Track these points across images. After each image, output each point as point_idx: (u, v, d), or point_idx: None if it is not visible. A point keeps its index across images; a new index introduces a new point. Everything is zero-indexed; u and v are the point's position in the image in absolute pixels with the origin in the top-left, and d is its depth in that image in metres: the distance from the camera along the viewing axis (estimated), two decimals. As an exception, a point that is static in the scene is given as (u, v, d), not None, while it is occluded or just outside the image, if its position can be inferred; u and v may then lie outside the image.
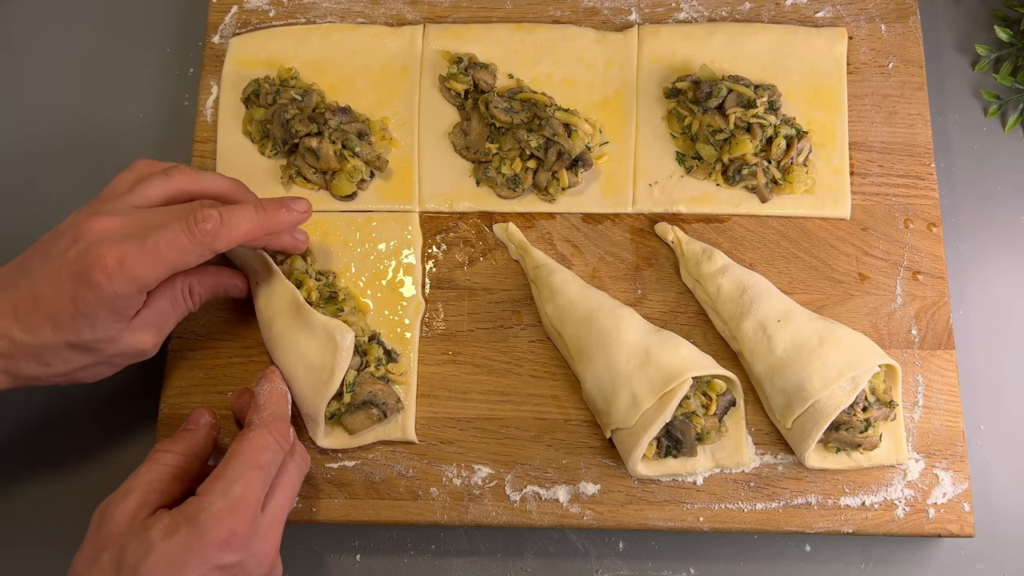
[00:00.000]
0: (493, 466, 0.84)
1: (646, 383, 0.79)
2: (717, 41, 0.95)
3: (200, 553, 0.66)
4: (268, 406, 0.77)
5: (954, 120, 0.98)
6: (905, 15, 0.97)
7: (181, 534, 0.66)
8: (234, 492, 0.68)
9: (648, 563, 0.85)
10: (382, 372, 0.84)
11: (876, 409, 0.81)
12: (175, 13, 1.04)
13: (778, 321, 0.82)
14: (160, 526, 0.66)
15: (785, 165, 0.90)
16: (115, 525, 0.67)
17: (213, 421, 0.77)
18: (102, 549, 0.66)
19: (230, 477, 0.70)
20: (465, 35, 0.96)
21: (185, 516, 0.67)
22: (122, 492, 0.69)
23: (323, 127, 0.90)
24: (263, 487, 0.71)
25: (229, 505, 0.68)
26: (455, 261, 0.90)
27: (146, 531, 0.66)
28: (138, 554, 0.65)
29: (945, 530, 0.81)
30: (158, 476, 0.70)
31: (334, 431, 0.84)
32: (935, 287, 0.88)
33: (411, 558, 0.86)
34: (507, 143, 0.90)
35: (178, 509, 0.68)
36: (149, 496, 0.69)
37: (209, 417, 0.77)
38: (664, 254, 0.90)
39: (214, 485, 0.69)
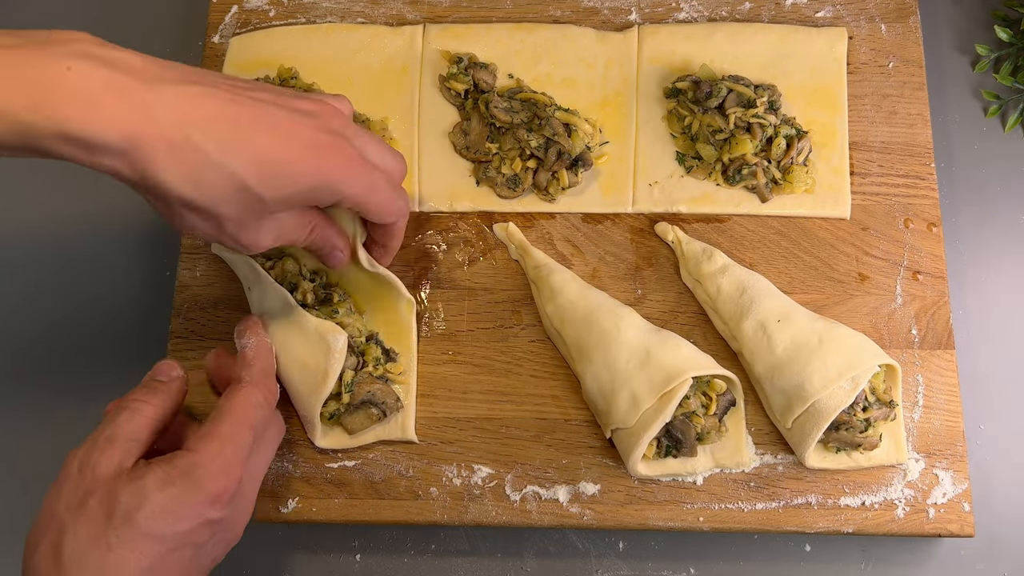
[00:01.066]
0: (493, 466, 0.84)
1: (646, 383, 0.79)
2: (717, 41, 0.95)
3: (193, 507, 0.67)
4: (256, 361, 0.77)
5: (954, 120, 0.98)
6: (905, 15, 0.97)
7: (176, 487, 0.66)
8: (227, 452, 0.70)
9: (648, 563, 0.85)
10: (381, 372, 0.84)
11: (876, 409, 0.81)
12: (175, 13, 1.04)
13: (778, 321, 0.82)
14: (154, 477, 0.66)
15: (785, 165, 0.90)
16: (101, 472, 0.66)
17: (184, 375, 0.75)
18: (88, 494, 0.65)
19: (224, 436, 0.70)
20: (465, 35, 0.96)
21: (180, 470, 0.67)
22: (104, 440, 0.68)
23: (323, 127, 0.89)
24: (252, 447, 0.72)
25: (223, 463, 0.69)
26: (455, 261, 0.90)
27: (140, 480, 0.66)
28: (132, 502, 0.65)
29: (945, 530, 0.81)
30: (139, 427, 0.69)
31: (333, 431, 0.84)
32: (935, 287, 0.88)
33: (411, 558, 0.86)
34: (507, 143, 0.90)
35: (171, 463, 0.67)
36: (131, 446, 0.68)
37: (180, 371, 0.75)
38: (664, 254, 0.90)
39: (208, 443, 0.69)
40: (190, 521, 0.67)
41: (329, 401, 0.81)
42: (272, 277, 0.83)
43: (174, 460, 0.68)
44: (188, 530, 0.67)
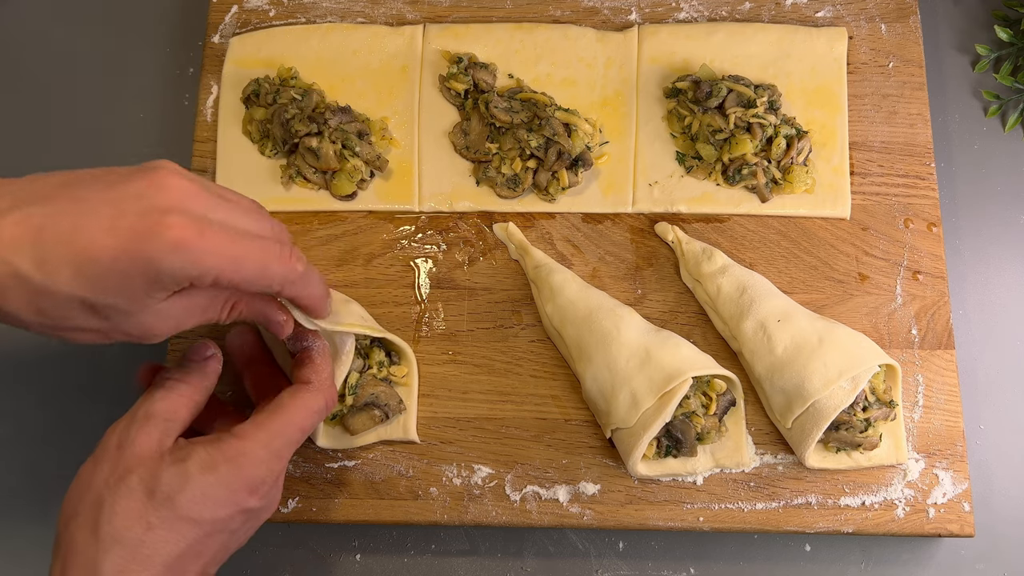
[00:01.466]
0: (493, 466, 0.84)
1: (646, 383, 0.79)
2: (717, 41, 0.95)
3: (234, 493, 0.66)
4: (325, 367, 0.75)
5: (954, 120, 0.98)
6: (905, 15, 0.97)
7: (220, 472, 0.66)
8: (275, 446, 0.69)
9: (648, 563, 0.85)
10: (384, 374, 0.84)
11: (876, 409, 0.81)
12: (175, 13, 1.04)
13: (778, 321, 0.82)
14: (198, 460, 0.66)
15: (785, 165, 0.90)
16: (141, 449, 0.65)
17: (219, 355, 0.75)
18: (129, 471, 0.64)
19: (275, 431, 0.69)
20: (465, 35, 0.96)
21: (225, 456, 0.67)
22: (143, 417, 0.67)
23: (323, 127, 0.90)
24: (297, 445, 0.72)
25: (268, 455, 0.68)
26: (455, 261, 0.90)
27: (183, 462, 0.65)
28: (174, 483, 0.64)
29: (945, 530, 0.81)
30: (175, 406, 0.69)
31: (334, 431, 0.84)
32: (935, 287, 0.88)
33: (411, 558, 0.86)
34: (507, 143, 0.90)
35: (216, 447, 0.67)
36: (169, 425, 0.68)
37: (215, 350, 0.74)
38: (664, 254, 0.90)
39: (257, 432, 0.69)
40: (228, 508, 0.66)
41: None
42: None
43: (220, 444, 0.67)
44: (226, 516, 0.67)
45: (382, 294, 0.89)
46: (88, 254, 0.59)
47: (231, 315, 0.70)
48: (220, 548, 0.68)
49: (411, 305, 0.89)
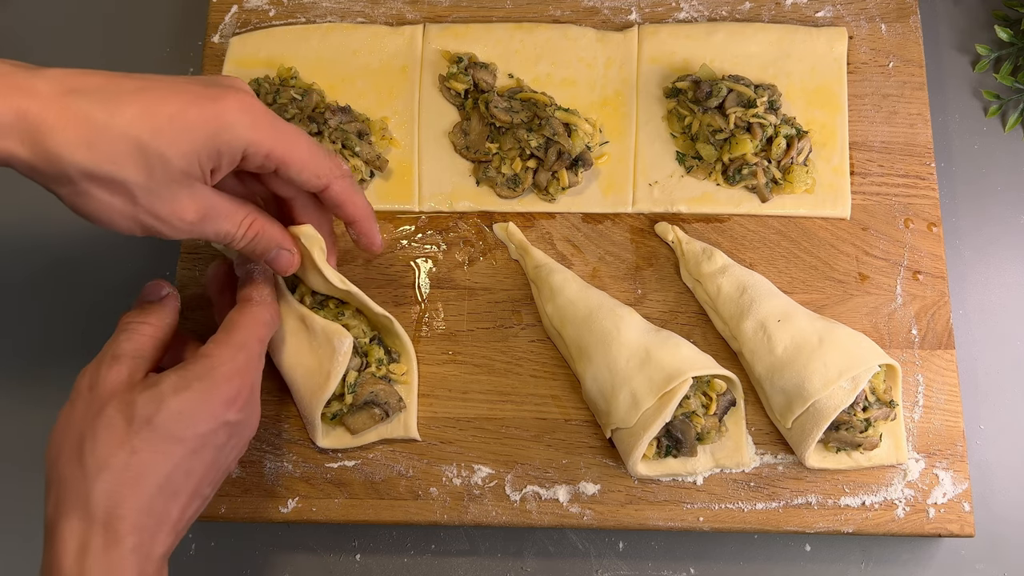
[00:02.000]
0: (493, 466, 0.84)
1: (646, 383, 0.79)
2: (717, 41, 0.95)
3: (211, 408, 0.68)
4: (266, 284, 0.78)
5: (954, 120, 0.98)
6: (905, 15, 0.97)
7: (194, 389, 0.68)
8: (239, 359, 0.71)
9: (648, 563, 0.85)
10: (383, 372, 0.84)
11: (876, 409, 0.81)
12: (175, 13, 1.04)
13: (778, 321, 0.82)
14: (169, 382, 0.68)
15: (785, 165, 0.90)
16: (113, 384, 0.67)
17: (174, 292, 0.76)
18: (104, 404, 0.66)
19: (237, 344, 0.72)
20: (465, 35, 0.96)
21: (195, 374, 0.69)
22: (110, 357, 0.69)
23: (323, 127, 0.90)
24: (261, 359, 0.74)
25: (236, 367, 0.71)
26: (455, 261, 0.90)
27: (155, 386, 0.67)
28: (150, 407, 0.66)
29: (945, 530, 0.81)
30: (141, 345, 0.71)
31: (335, 431, 0.84)
32: (935, 287, 0.88)
33: (411, 558, 0.86)
34: (507, 143, 0.90)
35: (185, 368, 0.69)
36: (137, 362, 0.70)
37: (170, 289, 0.76)
38: (664, 254, 0.90)
39: (221, 349, 0.71)
40: (208, 422, 0.68)
41: (332, 401, 0.81)
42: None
43: (188, 366, 0.69)
44: (208, 431, 0.68)
45: (382, 294, 0.89)
46: (155, 102, 0.63)
47: (248, 233, 0.73)
48: (210, 465, 0.69)
49: (411, 305, 0.89)
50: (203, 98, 0.65)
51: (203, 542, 0.87)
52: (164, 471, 0.66)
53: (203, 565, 0.86)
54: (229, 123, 0.66)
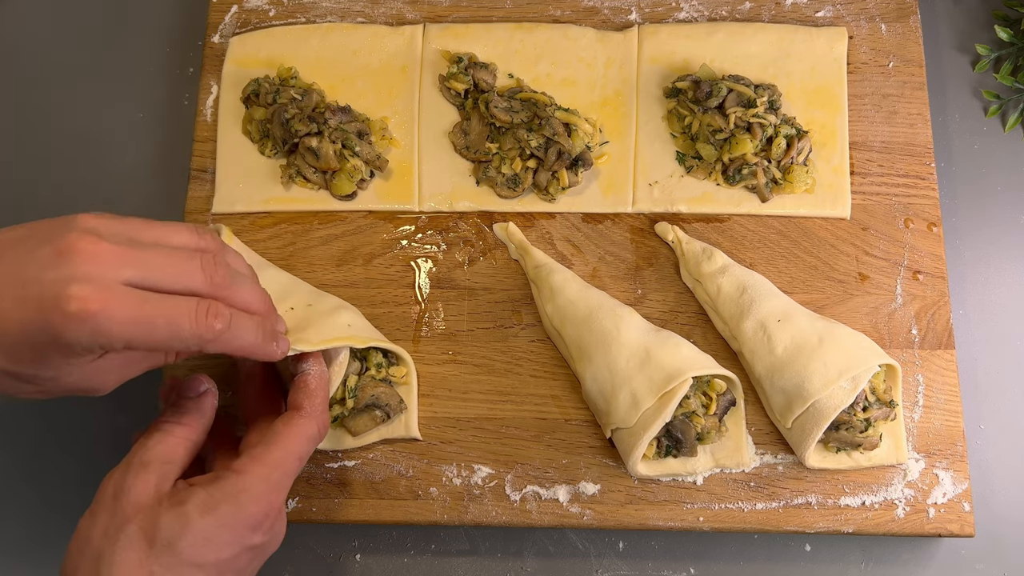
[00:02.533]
0: (493, 466, 0.84)
1: (646, 383, 0.79)
2: (717, 41, 0.95)
3: (236, 533, 0.65)
4: (319, 393, 0.74)
5: (954, 120, 0.98)
6: (905, 15, 0.96)
7: (220, 512, 0.64)
8: (274, 478, 0.68)
9: (648, 563, 0.85)
10: (383, 375, 0.84)
11: (876, 409, 0.81)
12: (175, 13, 1.04)
13: (778, 321, 0.82)
14: (197, 501, 0.64)
15: (785, 165, 0.90)
16: (138, 497, 0.64)
17: (213, 389, 0.73)
18: (127, 521, 0.63)
19: (273, 463, 0.68)
20: (465, 35, 0.96)
21: (225, 494, 0.65)
22: (138, 464, 0.65)
23: (323, 127, 0.90)
24: (294, 475, 0.71)
25: (268, 489, 0.67)
26: (455, 261, 0.90)
27: (181, 505, 0.64)
28: (174, 528, 0.63)
29: (945, 530, 0.81)
30: (172, 448, 0.67)
31: (336, 433, 0.84)
32: (935, 287, 0.88)
33: (411, 558, 0.86)
34: (507, 143, 0.90)
35: (215, 485, 0.66)
36: (166, 468, 0.66)
37: (208, 384, 0.73)
38: (664, 254, 0.90)
39: (256, 467, 0.67)
40: (232, 548, 0.65)
41: (333, 405, 0.81)
42: None
43: (219, 483, 0.66)
44: (230, 557, 0.65)
45: (382, 294, 0.89)
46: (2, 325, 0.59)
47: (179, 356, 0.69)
48: None
49: (411, 305, 0.89)
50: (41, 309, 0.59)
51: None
52: None
53: (203, 565, 0.86)
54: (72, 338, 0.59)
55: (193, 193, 0.93)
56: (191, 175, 0.93)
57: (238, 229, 0.90)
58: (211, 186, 0.93)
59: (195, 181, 0.93)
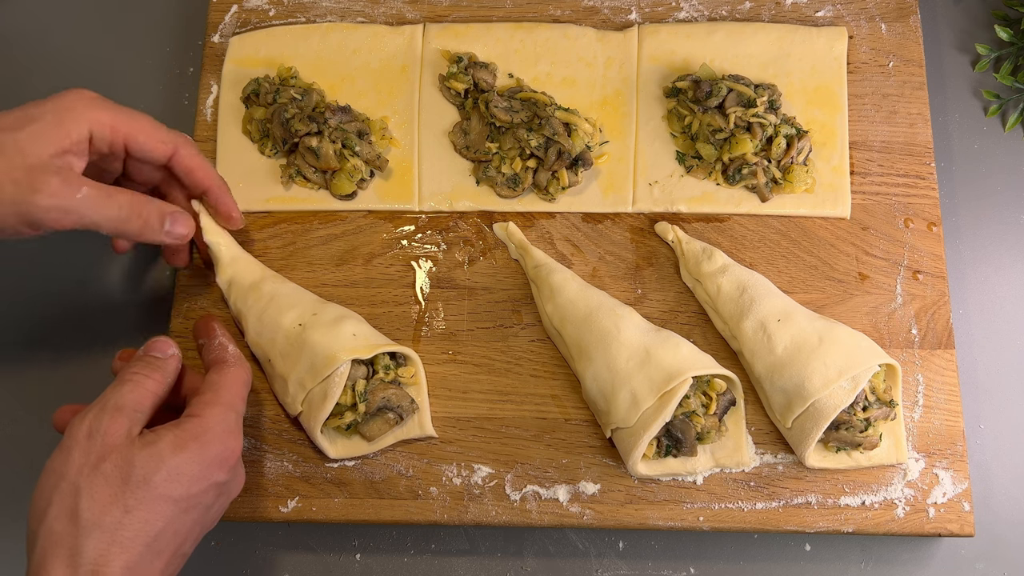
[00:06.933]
0: (493, 465, 0.84)
1: (646, 382, 0.79)
2: (717, 40, 0.95)
3: (203, 468, 0.70)
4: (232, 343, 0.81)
5: (954, 120, 0.98)
6: (905, 14, 0.96)
7: (189, 450, 0.69)
8: (230, 419, 0.74)
9: (648, 563, 0.85)
10: (392, 376, 0.84)
11: (876, 408, 0.81)
12: (175, 12, 1.04)
13: (778, 320, 0.82)
14: (167, 442, 0.69)
15: (785, 164, 0.90)
16: (113, 438, 0.68)
17: (179, 354, 0.77)
18: (101, 459, 0.67)
19: (225, 404, 0.74)
20: (465, 34, 0.96)
21: (191, 434, 0.70)
22: (113, 407, 0.70)
23: (323, 126, 0.89)
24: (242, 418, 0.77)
25: (227, 428, 0.73)
26: (455, 260, 0.90)
27: (154, 444, 0.69)
28: (148, 466, 0.67)
29: (945, 530, 0.81)
30: (142, 398, 0.72)
31: (351, 441, 0.83)
32: (935, 287, 0.88)
33: (411, 558, 0.86)
34: (507, 142, 0.90)
35: (181, 427, 0.71)
36: (136, 416, 0.71)
37: (175, 349, 0.77)
38: (664, 253, 0.90)
39: (212, 410, 0.73)
40: (201, 483, 0.70)
41: (346, 412, 0.81)
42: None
43: (184, 425, 0.71)
44: (199, 491, 0.70)
45: (382, 294, 0.89)
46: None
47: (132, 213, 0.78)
48: (195, 524, 0.71)
49: (411, 305, 0.89)
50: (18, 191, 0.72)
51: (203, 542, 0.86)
52: (154, 531, 0.67)
53: (203, 565, 0.86)
54: (68, 107, 0.74)
55: (193, 193, 0.93)
56: (191, 175, 0.93)
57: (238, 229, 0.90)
58: (211, 186, 0.93)
59: (195, 181, 0.93)
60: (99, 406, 0.70)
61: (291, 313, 0.83)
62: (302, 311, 0.84)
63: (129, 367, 0.74)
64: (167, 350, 0.76)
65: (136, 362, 0.75)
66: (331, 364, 0.79)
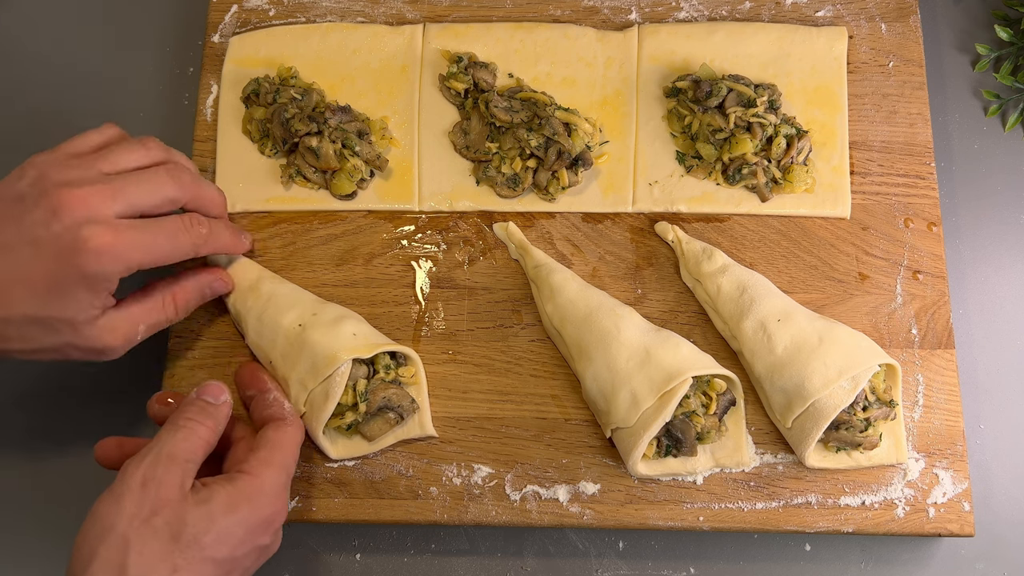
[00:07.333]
0: (493, 465, 0.84)
1: (646, 382, 0.79)
2: (717, 40, 0.95)
3: (252, 531, 0.70)
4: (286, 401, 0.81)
5: (954, 120, 0.98)
6: (905, 14, 0.96)
7: (241, 512, 0.69)
8: (280, 481, 0.73)
9: (648, 563, 0.85)
10: (392, 376, 0.84)
11: (876, 408, 0.81)
12: (175, 12, 1.04)
13: (778, 320, 0.82)
14: (220, 501, 0.69)
15: (785, 164, 0.90)
16: (167, 491, 0.67)
17: (231, 400, 0.77)
18: (154, 513, 0.66)
19: (278, 464, 0.74)
20: (465, 34, 0.96)
21: (244, 494, 0.70)
22: (167, 458, 0.69)
23: (323, 126, 0.89)
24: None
25: (278, 490, 0.73)
26: (455, 260, 0.90)
27: (207, 503, 0.68)
28: (200, 525, 0.67)
29: (945, 530, 0.81)
30: (195, 447, 0.72)
31: (352, 441, 0.84)
32: (935, 286, 0.88)
33: (411, 558, 0.86)
34: (507, 142, 0.90)
35: (234, 486, 0.70)
36: (189, 466, 0.70)
37: (228, 396, 0.77)
38: (664, 253, 0.90)
39: (267, 470, 0.73)
40: (246, 546, 0.70)
41: (347, 412, 0.81)
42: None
43: (237, 483, 0.71)
44: (243, 555, 0.70)
45: (382, 294, 0.89)
46: (30, 280, 0.70)
47: (178, 310, 0.80)
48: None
49: (411, 305, 0.89)
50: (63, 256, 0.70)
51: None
52: None
53: (203, 565, 0.86)
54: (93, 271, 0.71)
55: (193, 193, 0.93)
56: (191, 175, 0.93)
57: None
58: (211, 186, 0.93)
59: (195, 181, 0.93)
60: (154, 453, 0.69)
61: (291, 313, 0.83)
62: (302, 311, 0.84)
63: (183, 411, 0.74)
64: (220, 396, 0.76)
65: (189, 407, 0.74)
66: (332, 364, 0.79)
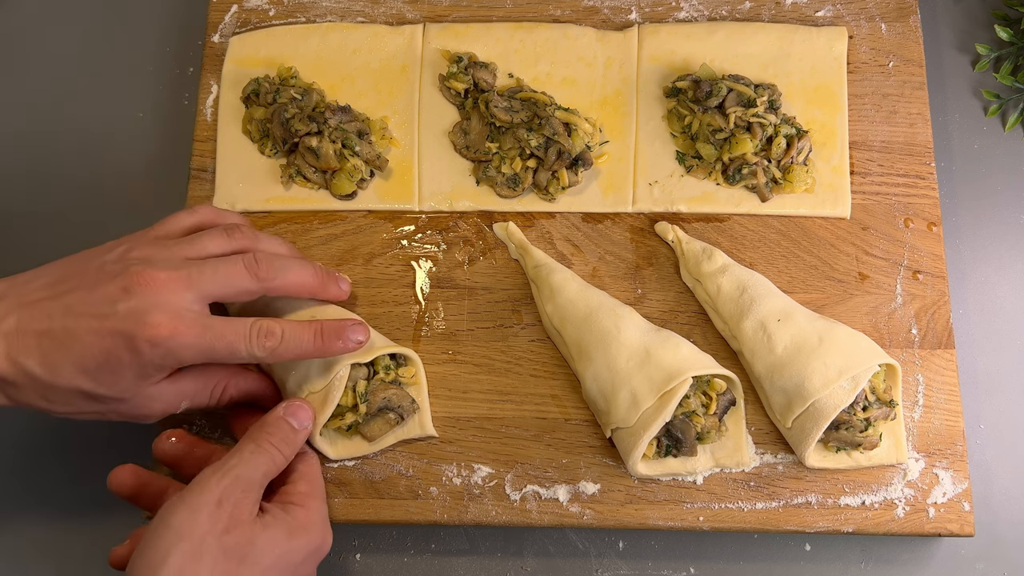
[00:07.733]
0: (493, 465, 0.84)
1: (646, 382, 0.79)
2: (717, 40, 0.95)
3: (303, 561, 0.73)
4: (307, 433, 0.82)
5: (954, 119, 0.98)
6: (905, 14, 0.97)
7: (298, 540, 0.72)
8: (324, 510, 0.77)
9: (648, 563, 0.85)
10: (392, 377, 0.84)
11: (876, 408, 0.81)
12: (175, 12, 1.04)
13: (778, 320, 0.82)
14: (283, 528, 0.71)
15: (785, 164, 0.90)
16: (241, 512, 0.69)
17: (309, 427, 0.78)
18: (226, 531, 0.68)
19: (320, 496, 0.77)
20: (465, 34, 0.96)
21: (301, 525, 0.73)
22: (246, 481, 0.71)
23: (323, 126, 0.90)
24: None
25: (323, 523, 0.76)
26: (455, 260, 0.90)
27: (272, 528, 0.71)
28: (265, 549, 0.69)
29: (945, 529, 0.81)
30: (270, 473, 0.74)
31: (352, 441, 0.83)
32: (935, 286, 0.88)
33: (411, 558, 0.86)
34: (507, 142, 0.90)
35: (292, 515, 0.73)
36: (261, 491, 0.73)
37: (310, 422, 0.78)
38: (664, 253, 0.90)
39: (314, 502, 0.76)
40: (299, 572, 0.73)
41: (347, 413, 0.81)
42: None
43: (293, 513, 0.73)
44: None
45: (382, 294, 0.89)
46: (83, 355, 0.70)
47: (221, 400, 0.79)
48: None
49: (411, 305, 0.89)
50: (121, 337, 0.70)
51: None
52: None
53: (203, 565, 0.86)
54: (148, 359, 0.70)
55: (193, 192, 0.93)
56: (191, 174, 0.93)
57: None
58: (211, 185, 0.93)
59: (195, 180, 0.93)
60: (234, 475, 0.71)
61: (290, 317, 0.83)
62: (300, 314, 0.83)
63: (268, 431, 0.75)
64: (305, 421, 0.77)
65: (276, 429, 0.75)
66: (331, 370, 0.79)
